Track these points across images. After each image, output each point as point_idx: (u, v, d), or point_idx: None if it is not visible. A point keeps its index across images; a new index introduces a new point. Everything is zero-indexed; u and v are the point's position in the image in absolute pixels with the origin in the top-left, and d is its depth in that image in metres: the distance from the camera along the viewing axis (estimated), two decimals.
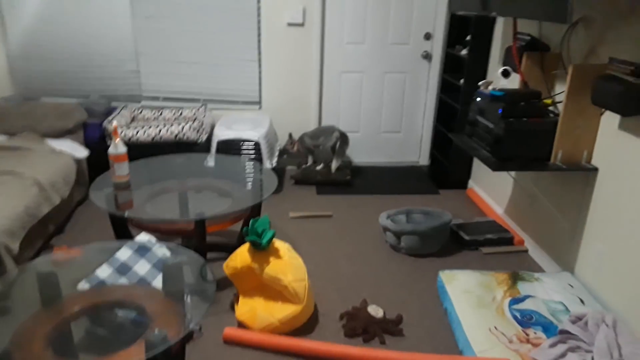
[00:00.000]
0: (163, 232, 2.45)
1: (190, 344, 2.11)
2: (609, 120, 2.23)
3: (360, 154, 4.35)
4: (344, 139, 3.86)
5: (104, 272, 2.05)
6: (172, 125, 3.43)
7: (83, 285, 1.99)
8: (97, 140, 3.50)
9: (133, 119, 3.83)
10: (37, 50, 3.77)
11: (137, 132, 3.39)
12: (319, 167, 3.88)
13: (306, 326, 2.23)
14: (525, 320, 2.12)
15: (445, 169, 3.90)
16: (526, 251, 2.91)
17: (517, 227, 3.08)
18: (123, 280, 2.05)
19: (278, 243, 2.27)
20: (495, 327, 2.08)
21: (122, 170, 2.48)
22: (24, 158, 2.76)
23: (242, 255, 2.21)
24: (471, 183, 3.83)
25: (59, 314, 1.63)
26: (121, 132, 3.35)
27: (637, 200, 2.05)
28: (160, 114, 3.89)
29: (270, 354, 2.06)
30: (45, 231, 2.75)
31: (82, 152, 3.15)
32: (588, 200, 2.37)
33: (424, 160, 4.38)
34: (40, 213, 2.58)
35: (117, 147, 2.44)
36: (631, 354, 1.82)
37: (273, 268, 2.16)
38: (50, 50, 3.78)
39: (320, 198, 3.63)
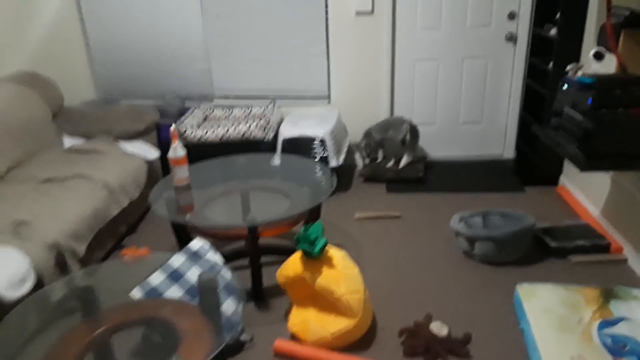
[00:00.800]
0: (219, 237, 2.42)
1: (240, 354, 2.06)
2: None
3: (436, 148, 4.06)
4: (414, 131, 3.60)
5: (156, 278, 2.06)
6: (239, 124, 3.42)
7: (136, 293, 2.02)
8: (169, 141, 3.60)
9: (205, 119, 3.89)
10: (115, 54, 3.94)
11: (207, 133, 3.42)
12: (389, 164, 3.67)
13: (362, 341, 2.08)
14: (618, 348, 1.80)
15: (533, 163, 3.50)
16: (625, 261, 2.51)
17: (615, 232, 2.66)
18: (175, 288, 2.04)
19: (332, 251, 2.14)
20: (580, 355, 1.78)
21: (181, 173, 2.49)
22: (96, 161, 2.87)
23: (293, 264, 2.11)
24: (563, 179, 3.40)
25: (86, 333, 1.61)
26: (191, 133, 3.40)
27: None
28: (231, 112, 3.91)
29: None
30: (116, 231, 2.85)
31: (153, 154, 3.23)
32: None
33: (508, 153, 3.99)
34: (109, 215, 2.67)
35: (175, 151, 2.45)
36: None
37: (325, 278, 2.04)
38: (127, 54, 3.94)
39: (390, 197, 3.43)
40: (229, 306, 1.99)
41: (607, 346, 1.81)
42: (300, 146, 3.46)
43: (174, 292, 2.02)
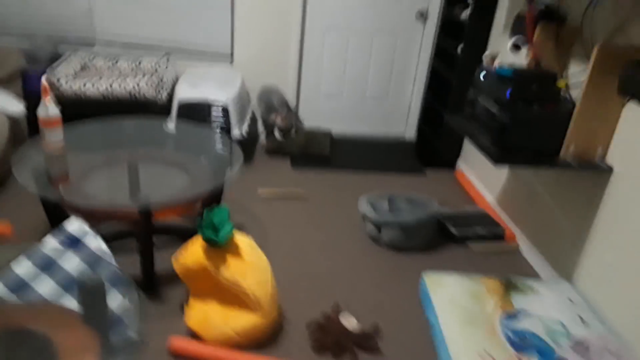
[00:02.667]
0: (101, 218, 2.06)
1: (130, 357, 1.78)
2: (633, 113, 1.90)
3: (342, 122, 3.95)
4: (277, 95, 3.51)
5: (22, 267, 1.67)
6: (126, 78, 2.96)
7: None
8: (39, 92, 3.01)
9: (83, 68, 3.33)
10: None
11: (85, 85, 2.92)
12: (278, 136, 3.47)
13: (268, 337, 1.92)
14: (520, 342, 1.85)
15: (434, 145, 3.55)
16: (519, 250, 2.64)
17: (509, 220, 2.79)
18: (45, 279, 1.68)
19: (238, 238, 1.92)
20: (486, 351, 1.80)
21: (54, 136, 2.04)
22: None
23: (194, 253, 1.85)
24: (461, 164, 3.50)
25: None
26: (65, 83, 2.87)
27: None
28: (116, 63, 3.39)
29: None
30: None
31: (17, 107, 2.67)
32: (597, 202, 2.07)
33: (410, 133, 4.02)
34: None
35: (47, 109, 1.99)
36: None
37: (231, 270, 1.82)
38: None
39: (295, 173, 3.26)
40: (114, 299, 1.69)
41: (510, 340, 1.86)
42: (198, 111, 3.11)
43: (44, 284, 1.67)
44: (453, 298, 2.05)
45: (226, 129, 3.09)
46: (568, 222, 2.26)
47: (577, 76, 2.20)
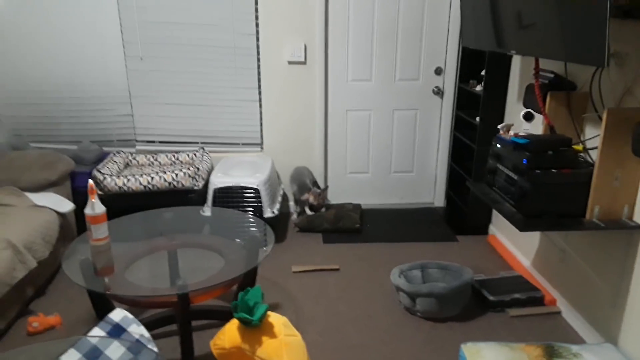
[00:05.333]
0: (144, 306, 2.17)
1: None
2: None
3: (370, 196, 4.06)
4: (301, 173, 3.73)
5: (70, 358, 1.78)
6: (165, 172, 3.20)
7: None
8: (86, 190, 3.27)
9: (127, 166, 3.61)
10: (24, 95, 3.59)
11: (128, 181, 3.16)
12: (309, 212, 3.63)
13: None
14: None
15: (463, 212, 3.58)
16: (559, 313, 2.57)
17: (547, 284, 2.74)
18: None
19: (272, 317, 1.97)
20: None
21: (100, 232, 2.22)
22: None
23: (230, 334, 1.92)
24: (492, 229, 3.50)
25: None
26: (110, 181, 3.12)
27: None
28: (156, 159, 3.67)
29: None
30: (22, 296, 2.50)
31: (66, 206, 2.91)
32: (632, 261, 2.04)
33: (439, 201, 4.08)
34: (14, 279, 2.33)
35: (93, 207, 2.19)
36: None
37: (266, 350, 1.86)
38: (38, 95, 3.61)
39: (327, 247, 3.34)
40: None
41: None
42: (232, 196, 3.29)
43: None
44: None
45: (258, 210, 3.24)
46: (604, 283, 2.22)
47: (593, 140, 2.26)
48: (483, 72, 3.25)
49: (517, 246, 3.12)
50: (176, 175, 3.20)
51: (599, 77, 2.21)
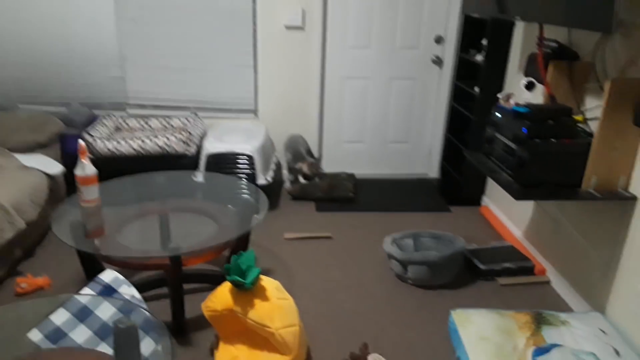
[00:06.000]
0: (134, 267, 2.15)
1: None
2: None
3: (364, 166, 4.03)
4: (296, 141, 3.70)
5: (59, 317, 1.76)
6: (157, 136, 3.14)
7: (35, 335, 1.71)
8: (76, 154, 3.22)
9: (117, 129, 3.54)
10: (12, 54, 3.48)
11: (119, 143, 3.10)
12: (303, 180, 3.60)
13: None
14: None
15: (457, 183, 3.57)
16: (549, 282, 2.59)
17: (538, 254, 2.75)
18: (82, 328, 1.76)
19: (265, 281, 1.97)
20: None
21: (90, 194, 2.18)
22: None
23: (222, 297, 1.91)
24: (485, 200, 3.50)
25: None
26: (101, 144, 3.06)
27: None
28: (148, 122, 3.60)
29: None
30: (10, 256, 2.47)
31: (55, 168, 2.86)
32: (625, 232, 2.05)
33: (433, 172, 4.06)
34: (2, 240, 2.30)
35: (84, 168, 2.14)
36: None
37: (258, 312, 1.86)
38: (27, 55, 3.50)
39: (320, 216, 3.33)
40: (147, 346, 1.75)
41: None
42: (225, 162, 3.25)
43: (81, 333, 1.75)
44: (483, 334, 2.02)
45: (252, 178, 3.21)
46: (596, 253, 2.23)
47: (593, 110, 2.23)
48: (484, 41, 3.19)
49: (509, 217, 3.13)
50: (168, 140, 3.15)
51: (603, 47, 2.17)
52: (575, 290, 2.39)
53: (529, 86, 2.35)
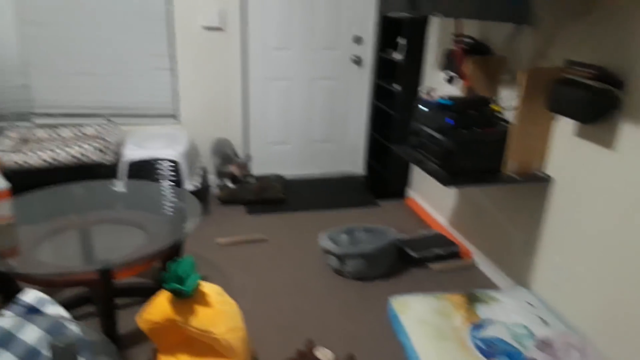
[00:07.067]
0: (58, 285, 1.99)
1: None
2: (563, 127, 2.09)
3: (292, 167, 4.04)
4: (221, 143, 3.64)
5: None
6: (69, 146, 2.93)
7: None
8: None
9: (24, 141, 3.25)
10: None
11: (27, 155, 2.85)
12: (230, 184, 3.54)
13: None
14: (490, 350, 1.92)
15: (383, 178, 3.69)
16: (475, 264, 2.75)
17: (463, 238, 2.91)
18: (7, 356, 1.60)
19: (206, 287, 1.90)
20: None
21: (1, 209, 1.99)
22: None
23: (161, 307, 1.81)
24: (410, 192, 3.64)
25: None
26: (7, 157, 2.79)
27: (596, 209, 1.91)
28: (58, 134, 3.34)
29: None
30: None
31: None
32: (542, 210, 2.23)
33: (359, 169, 4.16)
34: None
35: None
36: None
37: (201, 319, 1.79)
38: None
39: (252, 219, 3.28)
40: None
41: (481, 349, 1.92)
42: (148, 170, 3.09)
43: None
44: (421, 317, 2.10)
45: (178, 184, 3.09)
46: (517, 233, 2.40)
47: (507, 100, 2.41)
48: (401, 40, 3.32)
49: (434, 206, 3.28)
50: (83, 149, 2.95)
51: (514, 41, 2.34)
52: (500, 268, 2.55)
53: (450, 80, 2.48)
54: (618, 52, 1.76)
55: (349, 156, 4.13)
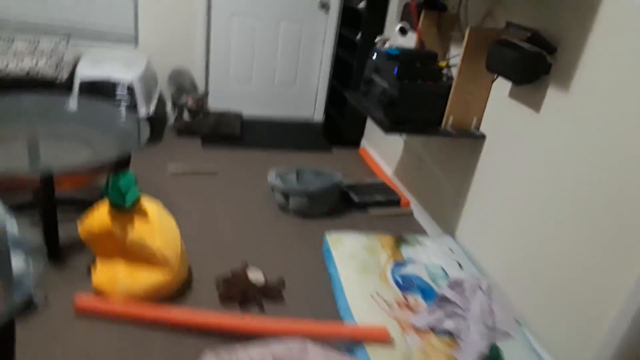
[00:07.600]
0: (3, 188, 2.02)
1: (34, 317, 1.78)
2: (500, 87, 2.22)
3: (252, 106, 4.07)
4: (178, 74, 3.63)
5: None
6: (22, 59, 2.87)
7: None
8: None
9: None
10: None
11: None
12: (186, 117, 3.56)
13: (177, 294, 2.00)
14: (407, 285, 2.10)
15: (339, 126, 3.78)
16: (412, 213, 2.92)
17: (404, 189, 3.07)
18: None
19: (146, 203, 1.98)
20: (377, 293, 2.02)
21: None
22: None
23: (100, 217, 1.89)
24: (364, 142, 3.76)
25: None
26: None
27: (516, 169, 2.07)
28: (12, 45, 3.25)
29: (133, 327, 1.81)
30: None
31: None
32: (473, 166, 2.38)
33: (318, 116, 4.23)
34: None
35: None
36: (503, 320, 1.86)
37: (139, 233, 1.88)
38: None
39: (205, 152, 3.33)
40: (17, 263, 1.69)
41: (398, 284, 2.10)
42: (102, 91, 3.08)
43: None
44: (351, 252, 2.26)
45: (132, 109, 3.09)
46: (450, 186, 2.56)
47: (455, 58, 2.50)
48: None
49: (383, 157, 3.42)
50: (36, 63, 2.90)
51: (466, 0, 2.42)
52: (433, 218, 2.73)
53: (402, 31, 2.55)
54: (554, 18, 1.86)
55: (309, 102, 4.18)
